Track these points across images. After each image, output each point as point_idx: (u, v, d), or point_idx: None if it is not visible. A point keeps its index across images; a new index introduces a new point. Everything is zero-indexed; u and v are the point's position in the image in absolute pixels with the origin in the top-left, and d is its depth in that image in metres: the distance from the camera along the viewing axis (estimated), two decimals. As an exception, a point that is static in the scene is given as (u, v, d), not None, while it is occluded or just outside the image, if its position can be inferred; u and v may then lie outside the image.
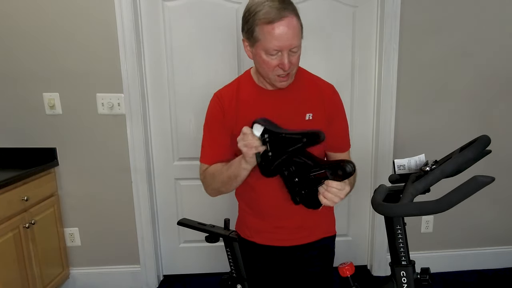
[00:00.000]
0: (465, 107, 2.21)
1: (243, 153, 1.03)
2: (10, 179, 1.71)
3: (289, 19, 1.00)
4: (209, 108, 1.21)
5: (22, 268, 1.80)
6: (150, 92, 2.15)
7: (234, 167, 1.09)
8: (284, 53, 1.02)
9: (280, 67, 1.04)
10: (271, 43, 1.00)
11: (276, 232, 1.22)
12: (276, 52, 1.02)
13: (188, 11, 2.05)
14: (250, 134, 1.02)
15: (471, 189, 0.71)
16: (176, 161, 2.24)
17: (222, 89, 1.22)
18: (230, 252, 1.25)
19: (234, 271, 1.27)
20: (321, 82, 1.23)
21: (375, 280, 2.33)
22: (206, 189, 1.23)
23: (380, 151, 2.21)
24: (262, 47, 1.02)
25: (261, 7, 0.99)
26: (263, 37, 1.01)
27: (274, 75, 1.07)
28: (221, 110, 1.16)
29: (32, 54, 1.98)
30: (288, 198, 1.14)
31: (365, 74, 2.20)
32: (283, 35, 0.99)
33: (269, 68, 1.05)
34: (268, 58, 1.03)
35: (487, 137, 0.84)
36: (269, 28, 0.99)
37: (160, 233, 2.34)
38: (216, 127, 1.18)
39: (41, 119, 2.06)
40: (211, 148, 1.19)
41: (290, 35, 1.00)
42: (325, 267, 1.28)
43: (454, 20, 2.09)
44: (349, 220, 2.38)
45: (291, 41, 1.01)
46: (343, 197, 0.99)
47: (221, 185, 1.15)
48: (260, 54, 1.04)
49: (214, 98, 1.20)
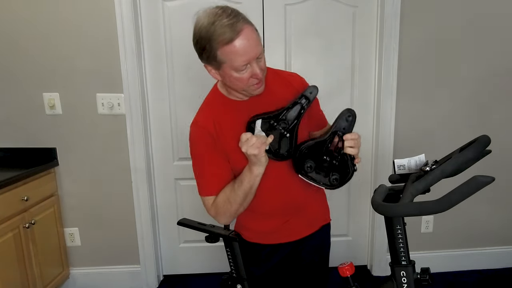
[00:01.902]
0: (465, 107, 2.21)
1: (254, 156, 1.02)
2: (10, 179, 1.71)
3: (245, 31, 0.96)
4: (196, 139, 1.13)
5: (22, 268, 1.80)
6: (150, 92, 2.15)
7: (246, 180, 1.07)
8: (253, 64, 1.00)
9: (253, 77, 1.02)
10: (238, 60, 0.98)
11: (283, 229, 1.23)
12: (245, 66, 1.00)
13: (188, 11, 2.04)
14: (251, 136, 1.02)
15: (471, 189, 0.71)
16: (176, 161, 2.24)
17: (198, 118, 1.15)
18: (230, 252, 1.25)
19: (234, 271, 1.27)
20: (286, 74, 1.26)
21: (375, 280, 2.33)
22: (221, 219, 1.15)
23: (380, 151, 2.21)
24: (230, 67, 1.00)
25: (212, 30, 0.95)
26: (228, 58, 0.98)
27: (249, 87, 1.05)
28: (210, 136, 1.11)
29: (32, 54, 1.98)
30: (290, 193, 1.17)
31: (365, 74, 2.20)
32: (247, 48, 0.97)
33: (243, 83, 1.03)
34: (240, 75, 1.01)
35: (487, 137, 0.84)
36: (231, 48, 0.96)
37: (160, 233, 2.34)
38: (213, 157, 1.12)
39: (41, 119, 2.06)
40: (214, 180, 1.13)
41: (253, 45, 0.98)
42: (323, 256, 1.34)
43: (454, 20, 2.09)
44: (349, 220, 2.38)
45: (255, 50, 0.99)
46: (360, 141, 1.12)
47: (239, 206, 1.10)
48: (230, 73, 1.02)
49: (197, 129, 1.13)
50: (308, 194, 1.23)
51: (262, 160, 1.04)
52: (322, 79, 2.14)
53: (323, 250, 1.34)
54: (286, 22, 2.09)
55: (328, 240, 1.36)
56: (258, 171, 1.05)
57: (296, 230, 1.24)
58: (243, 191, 1.07)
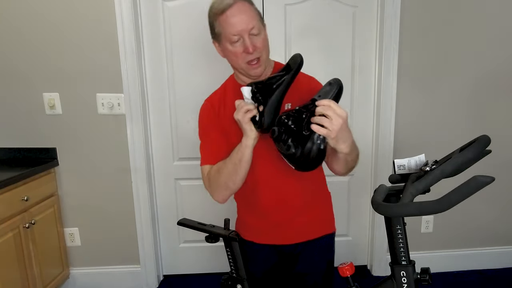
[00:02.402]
0: (465, 107, 2.21)
1: (239, 122, 1.05)
2: (10, 179, 1.71)
3: (239, 4, 1.04)
4: (202, 114, 1.23)
5: (22, 268, 1.80)
6: (150, 92, 2.15)
7: (236, 150, 1.10)
8: (245, 37, 1.05)
9: (245, 51, 1.07)
10: (229, 30, 1.05)
11: (276, 230, 1.22)
12: (238, 38, 1.06)
13: (188, 11, 2.05)
14: (241, 102, 1.04)
15: (471, 189, 0.71)
16: (176, 161, 2.24)
17: (211, 95, 1.26)
18: (230, 252, 1.25)
19: (234, 271, 1.27)
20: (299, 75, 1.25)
21: (375, 280, 2.33)
22: (214, 192, 1.18)
23: (380, 151, 2.21)
24: (225, 39, 1.08)
25: (212, 5, 1.09)
26: (222, 29, 1.07)
27: (244, 63, 1.10)
28: (214, 113, 1.20)
29: (32, 54, 1.98)
30: (288, 194, 1.17)
31: (365, 74, 2.19)
32: (237, 19, 1.04)
33: (237, 57, 1.09)
34: (233, 47, 1.08)
35: (487, 137, 0.84)
36: (224, 17, 1.05)
37: (160, 233, 2.34)
38: (213, 129, 1.19)
39: (41, 119, 2.06)
40: (212, 149, 1.19)
41: (245, 18, 1.04)
42: (325, 266, 1.28)
43: (454, 20, 2.09)
44: (349, 220, 2.38)
45: (247, 24, 1.04)
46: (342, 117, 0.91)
47: (227, 178, 1.11)
48: (226, 46, 1.09)
49: (205, 104, 1.24)
50: (308, 197, 1.22)
51: (247, 129, 1.04)
52: (322, 79, 2.10)
53: (321, 265, 1.28)
54: (286, 22, 2.09)
55: (330, 254, 1.30)
56: (245, 142, 1.06)
57: (291, 233, 1.22)
58: (232, 162, 1.10)
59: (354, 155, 1.08)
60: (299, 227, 1.22)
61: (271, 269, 1.29)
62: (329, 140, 0.95)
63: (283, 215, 1.21)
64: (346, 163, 1.09)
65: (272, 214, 1.21)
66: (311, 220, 1.23)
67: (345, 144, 0.97)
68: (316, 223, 1.25)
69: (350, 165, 1.12)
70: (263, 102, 1.04)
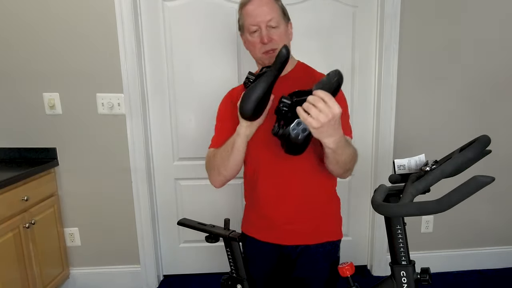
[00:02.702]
0: (466, 107, 2.21)
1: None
2: (10, 179, 1.70)
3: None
4: (221, 104, 1.30)
5: (22, 268, 1.79)
6: (150, 92, 2.15)
7: (230, 138, 1.15)
8: (262, 28, 1.12)
9: (261, 42, 1.13)
10: (248, 20, 1.13)
11: (277, 230, 1.22)
12: (256, 28, 1.13)
13: (188, 11, 2.05)
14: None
15: (471, 189, 0.71)
16: (176, 161, 2.24)
17: (235, 87, 1.34)
18: (230, 252, 1.25)
19: (234, 271, 1.27)
20: (318, 74, 1.27)
21: (375, 280, 2.33)
22: (209, 175, 1.23)
23: (380, 151, 2.21)
24: (246, 29, 1.16)
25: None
26: (244, 20, 1.15)
27: (261, 53, 1.15)
28: (232, 103, 1.23)
29: (32, 54, 1.98)
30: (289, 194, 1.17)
31: (365, 74, 2.19)
32: (258, 11, 1.11)
33: (254, 47, 1.15)
34: (251, 37, 1.15)
35: (487, 137, 0.84)
36: (246, 9, 1.14)
37: (160, 233, 2.34)
38: (228, 119, 1.23)
39: (41, 119, 2.05)
40: (221, 135, 1.23)
41: (265, 10, 1.11)
42: (327, 274, 1.25)
43: (454, 20, 2.09)
44: (349, 220, 2.38)
45: (266, 15, 1.11)
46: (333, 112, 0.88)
47: (220, 163, 1.17)
48: (246, 37, 1.17)
49: (226, 94, 1.32)
50: (311, 199, 1.20)
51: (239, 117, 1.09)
52: (322, 79, 2.13)
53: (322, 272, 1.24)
54: (286, 22, 2.09)
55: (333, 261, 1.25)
56: (238, 129, 1.12)
57: (291, 233, 1.21)
58: (226, 148, 1.15)
59: (346, 155, 1.05)
60: (299, 228, 1.21)
61: (271, 270, 1.29)
62: (311, 129, 0.92)
63: (282, 213, 1.20)
64: (337, 162, 1.05)
65: (272, 212, 1.21)
66: (313, 223, 1.22)
67: (329, 139, 0.95)
68: (318, 228, 1.23)
69: (343, 165, 1.08)
70: None
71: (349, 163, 1.09)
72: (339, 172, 1.13)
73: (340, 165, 1.07)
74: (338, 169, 1.10)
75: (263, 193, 1.21)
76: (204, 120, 2.17)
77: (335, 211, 1.29)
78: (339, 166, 1.08)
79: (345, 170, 1.11)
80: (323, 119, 0.88)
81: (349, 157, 1.07)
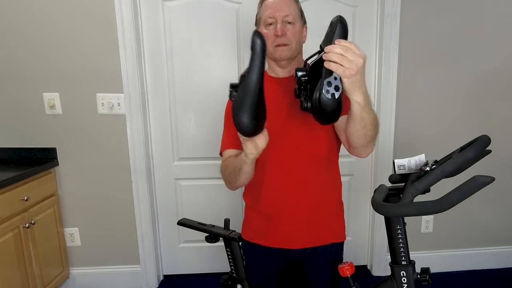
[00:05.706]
0: (466, 107, 2.21)
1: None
2: (10, 179, 1.70)
3: None
4: (227, 106, 1.28)
5: (22, 268, 1.79)
6: (150, 92, 2.15)
7: (237, 159, 1.10)
8: (278, 21, 1.13)
9: (275, 35, 1.13)
10: (266, 13, 1.15)
11: (282, 232, 1.21)
12: (272, 21, 1.14)
13: (188, 11, 2.05)
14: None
15: (471, 189, 0.71)
16: (176, 161, 2.24)
17: None
18: (230, 252, 1.25)
19: (234, 271, 1.27)
20: None
21: (375, 280, 2.33)
22: (225, 182, 1.21)
23: (380, 151, 2.21)
24: (262, 22, 1.17)
25: None
26: (262, 13, 1.17)
27: (273, 47, 1.15)
28: None
29: (32, 54, 1.98)
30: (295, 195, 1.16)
31: (365, 74, 2.19)
32: (276, 4, 1.14)
33: (267, 40, 1.12)
34: (267, 30, 1.15)
35: (487, 137, 0.84)
36: (265, 2, 1.17)
37: (160, 233, 2.34)
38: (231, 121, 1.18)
39: (41, 119, 2.05)
40: (228, 136, 1.23)
41: (283, 4, 1.14)
42: (331, 276, 1.25)
43: (454, 20, 2.09)
44: (349, 220, 2.38)
45: (282, 10, 1.13)
46: (362, 56, 0.83)
47: (229, 176, 1.15)
48: (262, 30, 1.16)
49: None
50: (317, 201, 1.19)
51: (248, 152, 0.99)
52: (322, 79, 2.13)
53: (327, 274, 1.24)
54: (286, 22, 2.09)
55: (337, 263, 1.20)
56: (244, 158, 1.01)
57: (296, 236, 1.20)
58: (233, 167, 1.11)
59: (372, 114, 0.97)
60: (305, 230, 1.20)
61: (276, 275, 1.28)
62: (345, 81, 0.85)
63: (290, 216, 1.19)
64: (364, 124, 0.95)
65: (279, 214, 1.19)
66: (319, 225, 1.21)
67: (360, 91, 0.89)
68: (324, 229, 1.22)
69: (370, 128, 0.98)
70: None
71: (374, 127, 1.00)
72: (363, 141, 1.02)
73: (367, 128, 0.98)
74: (364, 135, 0.99)
75: (269, 196, 1.19)
76: (204, 120, 2.17)
77: (341, 213, 1.29)
78: (366, 129, 0.98)
79: (370, 137, 1.01)
80: (358, 64, 0.83)
81: (374, 118, 0.99)
